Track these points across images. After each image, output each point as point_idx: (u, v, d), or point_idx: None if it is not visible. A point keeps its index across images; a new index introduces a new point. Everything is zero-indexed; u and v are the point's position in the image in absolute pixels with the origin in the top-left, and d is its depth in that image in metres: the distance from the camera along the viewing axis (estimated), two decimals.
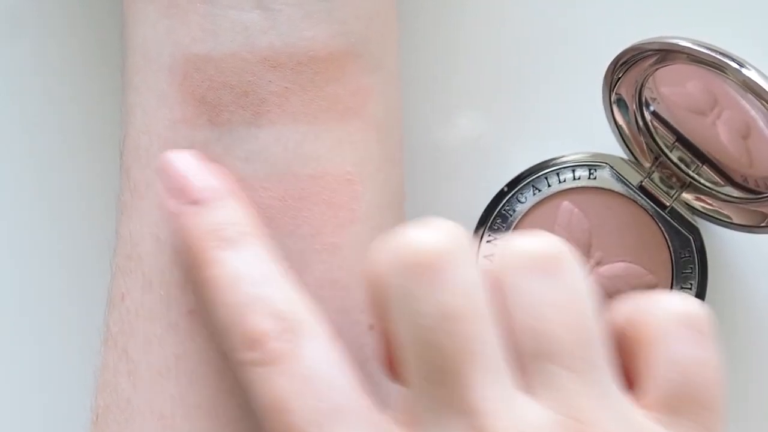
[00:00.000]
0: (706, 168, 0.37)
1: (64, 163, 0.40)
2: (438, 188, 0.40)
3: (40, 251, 0.40)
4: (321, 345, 0.29)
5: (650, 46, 0.34)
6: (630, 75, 0.36)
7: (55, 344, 0.40)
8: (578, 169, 0.38)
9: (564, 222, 0.38)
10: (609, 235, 0.38)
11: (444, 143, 0.40)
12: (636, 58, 0.35)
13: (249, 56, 0.32)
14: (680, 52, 0.33)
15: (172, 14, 0.32)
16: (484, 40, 0.40)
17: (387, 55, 0.34)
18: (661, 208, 0.38)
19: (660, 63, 0.35)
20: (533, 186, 0.38)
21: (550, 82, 0.40)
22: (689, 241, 0.37)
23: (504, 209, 0.38)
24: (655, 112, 0.37)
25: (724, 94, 0.36)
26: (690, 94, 0.37)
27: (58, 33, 0.40)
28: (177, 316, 0.31)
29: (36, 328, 0.40)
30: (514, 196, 0.38)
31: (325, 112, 0.32)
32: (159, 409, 0.31)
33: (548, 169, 0.38)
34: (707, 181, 0.38)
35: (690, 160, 0.37)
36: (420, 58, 0.40)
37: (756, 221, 0.37)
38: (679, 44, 0.33)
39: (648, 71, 0.35)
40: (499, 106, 0.40)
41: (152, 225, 0.32)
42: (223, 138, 0.32)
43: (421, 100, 0.40)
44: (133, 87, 0.33)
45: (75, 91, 0.40)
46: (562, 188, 0.38)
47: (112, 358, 0.32)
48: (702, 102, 0.37)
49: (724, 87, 0.35)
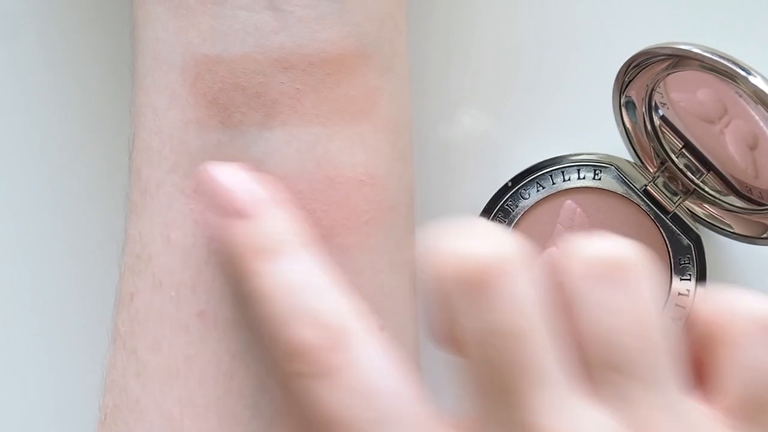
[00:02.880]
0: (712, 176, 0.37)
1: (69, 163, 0.40)
2: (443, 185, 0.40)
3: (48, 251, 0.40)
4: (373, 355, 0.28)
5: (663, 51, 0.34)
6: (641, 78, 0.36)
7: (63, 343, 0.40)
8: (583, 168, 0.38)
9: (566, 221, 0.38)
10: None
11: (450, 140, 0.40)
12: (648, 62, 0.35)
13: (260, 57, 0.31)
14: (693, 59, 0.33)
15: (182, 15, 0.32)
16: (493, 39, 0.40)
17: (398, 56, 0.34)
18: (663, 213, 0.38)
19: (672, 68, 0.35)
20: (537, 183, 0.38)
21: (559, 82, 0.40)
22: (689, 248, 0.38)
23: (507, 204, 0.38)
24: (664, 117, 0.37)
25: (734, 104, 0.36)
26: (700, 102, 0.37)
27: (62, 33, 0.40)
28: (187, 317, 0.31)
29: (45, 327, 0.40)
30: (518, 191, 0.38)
31: (337, 114, 0.32)
32: (168, 410, 0.31)
33: (553, 167, 0.38)
34: (711, 190, 0.38)
35: (695, 168, 0.37)
36: (427, 56, 0.40)
37: (757, 232, 0.37)
38: (691, 51, 0.33)
39: (659, 76, 0.35)
40: (506, 105, 0.40)
41: (163, 225, 0.32)
42: (235, 139, 0.32)
43: (428, 97, 0.40)
44: (144, 88, 0.33)
45: (79, 90, 0.40)
46: (566, 187, 0.38)
47: (120, 358, 0.32)
48: (711, 110, 0.37)
49: (734, 96, 0.35)
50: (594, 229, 0.38)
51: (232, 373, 0.31)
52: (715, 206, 0.38)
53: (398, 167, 0.33)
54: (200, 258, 0.32)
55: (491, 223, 0.27)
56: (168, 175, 0.32)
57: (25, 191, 0.40)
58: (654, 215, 0.38)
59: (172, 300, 0.31)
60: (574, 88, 0.40)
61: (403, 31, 0.34)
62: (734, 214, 0.37)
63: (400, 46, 0.34)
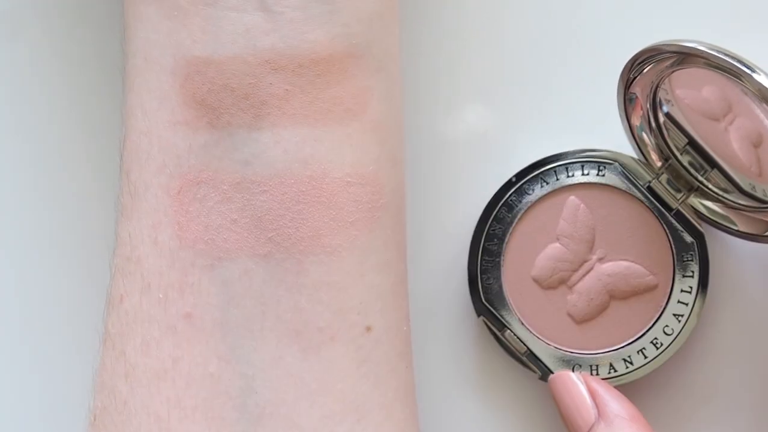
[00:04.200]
0: (715, 173, 0.37)
1: (63, 164, 0.40)
2: (446, 181, 0.40)
3: (40, 252, 0.40)
4: None
5: (669, 48, 0.34)
6: (646, 75, 0.36)
7: (55, 344, 0.40)
8: (587, 165, 0.38)
9: (569, 216, 0.38)
10: (613, 233, 0.38)
11: (454, 136, 0.40)
12: (654, 59, 0.35)
13: (250, 58, 0.32)
14: (698, 57, 0.33)
15: (173, 16, 0.32)
16: (498, 35, 0.40)
17: (388, 56, 0.34)
18: (667, 210, 0.38)
19: (677, 65, 0.35)
20: (541, 179, 0.38)
21: (563, 79, 0.40)
22: (693, 245, 0.38)
23: (510, 199, 0.38)
24: (669, 113, 0.37)
25: (738, 102, 0.36)
26: (705, 99, 0.37)
27: (58, 34, 0.40)
28: (175, 319, 0.32)
29: (36, 329, 0.40)
30: (522, 187, 0.38)
31: (326, 114, 0.32)
32: (155, 412, 0.31)
33: (557, 162, 0.38)
34: (715, 187, 0.38)
35: (699, 165, 0.37)
36: (430, 52, 0.40)
37: (760, 230, 0.37)
38: (697, 48, 0.33)
39: (665, 72, 0.35)
40: (511, 101, 0.40)
41: (150, 227, 0.32)
42: (223, 140, 0.32)
43: (432, 94, 0.40)
44: (134, 89, 0.33)
45: (74, 92, 0.40)
46: (570, 183, 0.38)
47: (109, 359, 0.32)
48: (716, 107, 0.37)
49: (739, 94, 0.35)
50: (598, 225, 0.38)
51: (219, 374, 0.31)
52: (718, 203, 0.38)
53: (387, 167, 0.33)
54: (186, 260, 0.32)
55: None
56: (156, 176, 0.32)
57: (17, 192, 0.40)
58: (657, 212, 0.38)
59: (160, 302, 0.32)
60: (579, 85, 0.40)
61: (395, 32, 0.34)
62: (738, 212, 0.37)
63: (392, 47, 0.34)
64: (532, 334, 0.38)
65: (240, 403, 0.31)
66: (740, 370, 0.39)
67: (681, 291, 0.37)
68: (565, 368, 0.37)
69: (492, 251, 0.38)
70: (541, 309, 0.38)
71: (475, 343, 0.39)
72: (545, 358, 0.37)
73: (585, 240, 0.38)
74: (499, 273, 0.38)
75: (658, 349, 0.37)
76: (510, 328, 0.38)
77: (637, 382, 0.37)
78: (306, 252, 0.32)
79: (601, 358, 0.37)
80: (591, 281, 0.38)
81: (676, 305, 0.37)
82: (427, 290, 0.39)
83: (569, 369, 0.37)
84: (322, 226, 0.32)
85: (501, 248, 0.38)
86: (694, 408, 0.39)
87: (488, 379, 0.39)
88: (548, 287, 0.38)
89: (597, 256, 0.38)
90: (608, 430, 0.34)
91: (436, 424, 0.39)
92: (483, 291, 0.38)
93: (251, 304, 0.32)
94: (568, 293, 0.38)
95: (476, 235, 0.38)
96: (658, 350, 0.37)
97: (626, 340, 0.37)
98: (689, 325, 0.37)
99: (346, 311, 0.32)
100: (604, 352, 0.37)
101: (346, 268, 0.32)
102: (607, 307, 0.38)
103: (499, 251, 0.38)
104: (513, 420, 0.39)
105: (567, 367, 0.37)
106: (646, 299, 0.38)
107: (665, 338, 0.37)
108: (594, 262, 0.38)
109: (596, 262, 0.38)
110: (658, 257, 0.38)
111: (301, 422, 0.31)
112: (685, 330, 0.37)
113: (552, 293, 0.38)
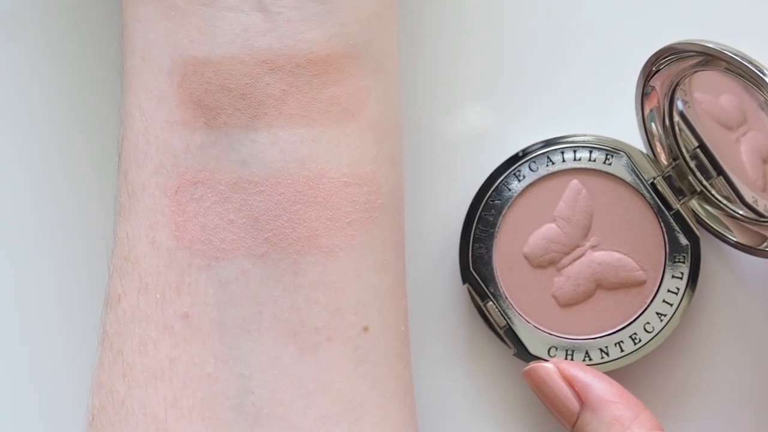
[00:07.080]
0: (720, 181, 0.37)
1: (63, 164, 0.40)
2: (444, 182, 0.40)
3: (39, 251, 0.40)
4: None
5: (693, 48, 0.34)
6: (668, 71, 0.35)
7: (54, 344, 0.40)
8: (595, 150, 0.38)
9: (570, 199, 0.38)
10: (610, 223, 0.38)
11: (451, 137, 0.40)
12: (678, 57, 0.35)
13: (248, 58, 0.31)
14: (721, 60, 0.33)
15: (171, 16, 0.32)
16: (496, 34, 0.40)
17: (386, 56, 0.33)
18: (667, 209, 0.38)
19: (699, 66, 0.35)
20: (548, 157, 0.38)
21: (563, 79, 0.40)
22: (686, 248, 0.38)
23: (515, 172, 0.38)
24: (684, 114, 0.37)
25: (754, 115, 0.35)
26: (721, 106, 0.36)
27: (58, 34, 0.39)
28: (172, 319, 0.32)
29: (35, 328, 0.40)
30: (527, 162, 0.38)
31: (323, 114, 0.32)
32: (152, 412, 0.32)
33: (565, 143, 0.38)
34: (718, 194, 0.37)
35: (706, 170, 0.37)
36: (427, 53, 0.40)
37: (755, 243, 0.37)
38: (721, 51, 0.33)
39: (686, 72, 0.35)
40: (509, 101, 0.40)
41: (148, 227, 0.32)
42: (220, 141, 0.32)
43: (429, 94, 0.40)
44: (132, 88, 0.33)
45: (74, 91, 0.40)
46: (575, 166, 0.38)
47: (107, 359, 0.33)
48: (731, 116, 0.36)
49: (756, 108, 0.35)
50: (596, 212, 0.38)
51: (216, 374, 0.32)
52: (718, 210, 0.38)
53: (385, 167, 0.33)
54: (184, 260, 0.32)
55: None
56: (153, 176, 0.32)
57: (16, 192, 0.40)
58: (657, 209, 0.38)
59: (157, 302, 0.32)
60: (579, 85, 0.40)
61: (392, 31, 0.34)
62: (736, 222, 0.37)
63: (390, 47, 0.34)
64: (514, 309, 0.38)
65: (237, 404, 0.31)
66: (714, 375, 0.39)
67: (668, 291, 0.38)
68: (542, 348, 0.37)
69: (488, 221, 0.38)
70: (527, 286, 0.38)
71: (470, 340, 0.40)
72: (524, 335, 0.38)
73: (581, 225, 0.38)
74: (491, 244, 0.38)
75: (635, 345, 0.37)
76: (493, 300, 0.38)
77: (609, 374, 0.37)
78: (303, 252, 0.32)
79: (578, 345, 0.38)
80: (580, 267, 0.38)
81: (661, 304, 0.37)
82: (424, 289, 0.39)
83: (545, 350, 0.37)
84: (319, 227, 0.32)
85: (497, 220, 0.38)
86: (666, 406, 0.39)
87: (476, 358, 0.40)
88: (537, 266, 0.38)
89: (590, 243, 0.38)
90: (595, 416, 0.34)
91: (433, 422, 0.39)
92: (472, 259, 0.38)
93: (248, 305, 0.32)
94: (556, 275, 0.38)
95: (474, 203, 0.38)
96: (635, 345, 0.37)
97: (606, 330, 0.38)
98: (671, 325, 0.37)
99: (344, 311, 0.32)
100: (582, 339, 0.38)
101: (343, 268, 0.32)
102: (592, 295, 0.38)
103: (495, 222, 0.38)
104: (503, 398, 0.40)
105: (543, 347, 0.37)
106: (632, 293, 0.38)
107: (645, 335, 0.37)
108: (587, 248, 0.38)
109: (589, 249, 0.38)
110: (650, 254, 0.38)
111: (298, 422, 0.32)
112: (665, 330, 0.37)
113: (540, 272, 0.38)
